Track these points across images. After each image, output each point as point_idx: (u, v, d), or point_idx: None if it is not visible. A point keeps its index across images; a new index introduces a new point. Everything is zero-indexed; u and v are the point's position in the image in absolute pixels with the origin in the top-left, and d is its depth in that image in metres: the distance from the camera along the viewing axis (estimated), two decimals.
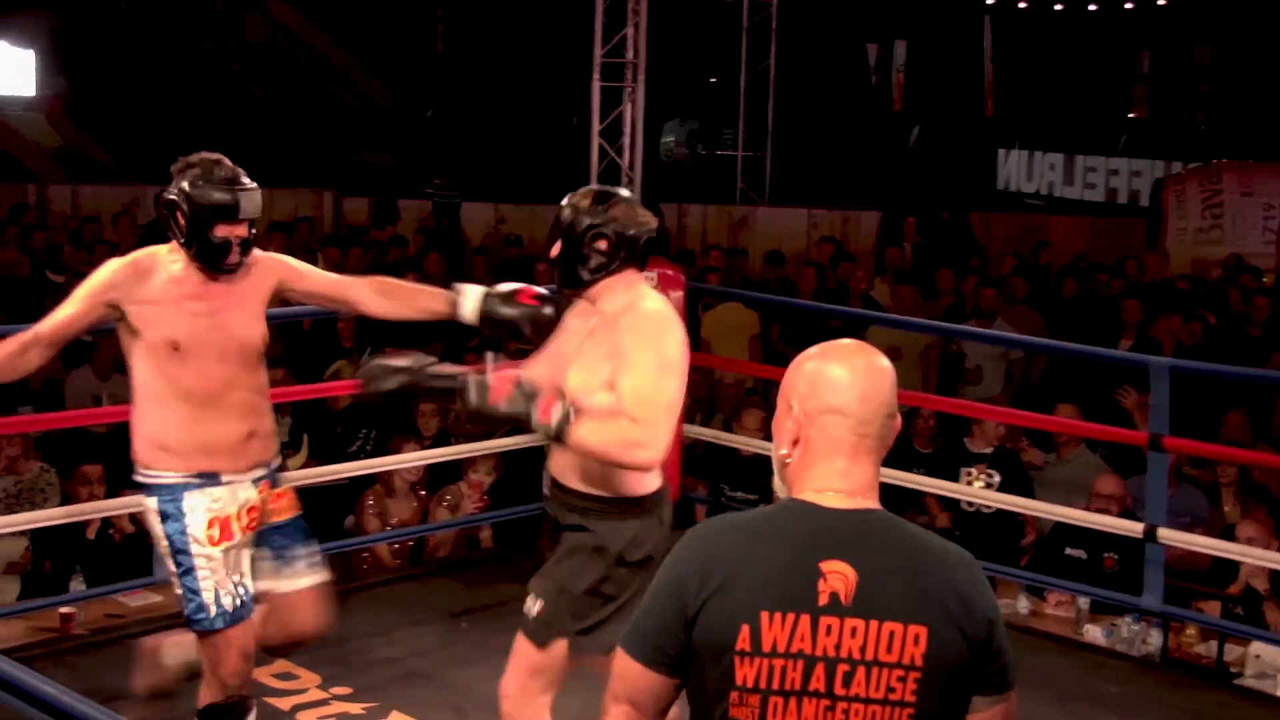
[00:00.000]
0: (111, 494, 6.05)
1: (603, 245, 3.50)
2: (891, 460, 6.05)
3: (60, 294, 4.01)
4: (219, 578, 3.77)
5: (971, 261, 11.01)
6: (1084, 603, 5.88)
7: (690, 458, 6.76)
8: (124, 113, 17.46)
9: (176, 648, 4.09)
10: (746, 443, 6.67)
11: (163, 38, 18.54)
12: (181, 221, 3.80)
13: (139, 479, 3.85)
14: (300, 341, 8.73)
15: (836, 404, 2.19)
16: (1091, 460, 6.84)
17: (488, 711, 4.79)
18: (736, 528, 2.21)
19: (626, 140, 7.96)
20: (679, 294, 6.52)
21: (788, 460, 2.24)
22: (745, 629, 2.10)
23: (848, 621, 2.11)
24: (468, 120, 19.31)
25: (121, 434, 6.85)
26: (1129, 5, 20.30)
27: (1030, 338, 8.10)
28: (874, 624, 2.10)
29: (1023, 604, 6.05)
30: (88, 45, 18.54)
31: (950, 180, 18.49)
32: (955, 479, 6.71)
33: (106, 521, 6.04)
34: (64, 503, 6.17)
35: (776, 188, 14.63)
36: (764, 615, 2.10)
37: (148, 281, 3.81)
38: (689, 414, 6.84)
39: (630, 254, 3.53)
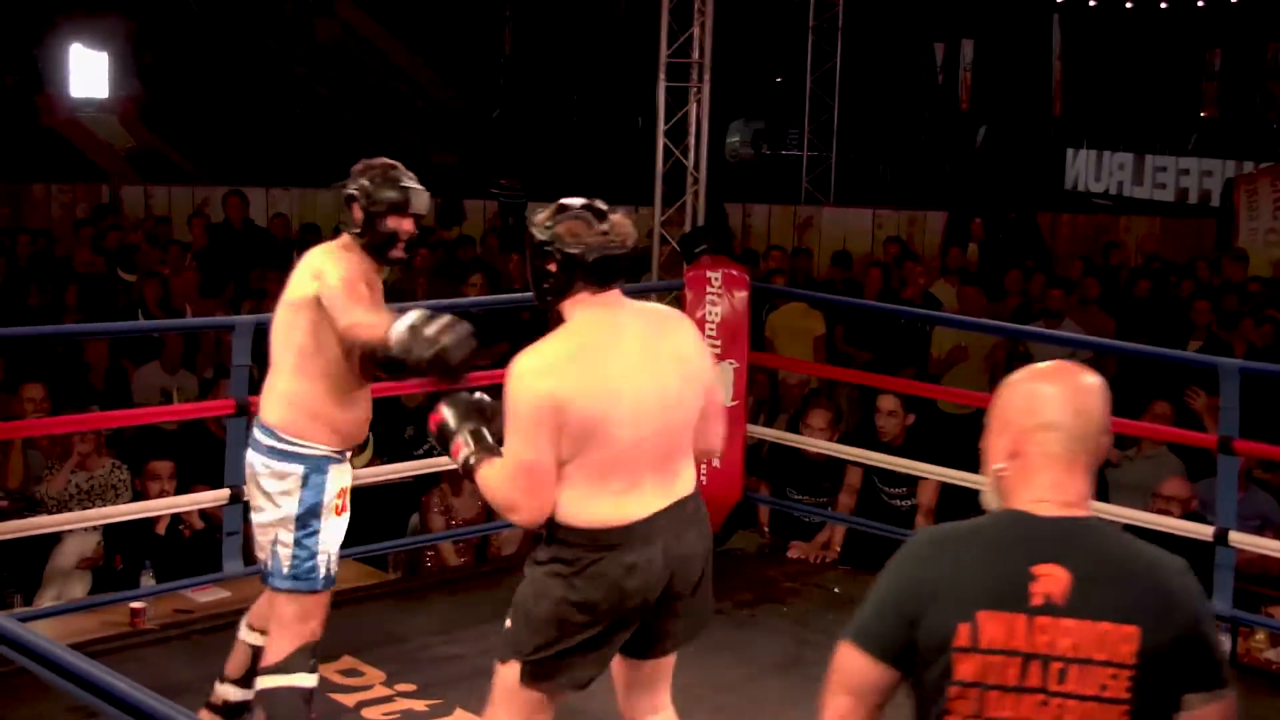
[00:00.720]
0: (182, 490, 6.14)
1: (551, 266, 3.34)
2: (958, 461, 6.01)
3: (133, 293, 4.13)
4: (332, 546, 4.12)
5: (1027, 263, 10.91)
6: None
7: (754, 458, 6.74)
8: (195, 114, 17.68)
9: None
10: (811, 443, 6.64)
11: (233, 40, 18.74)
12: (358, 214, 4.18)
13: (281, 445, 4.06)
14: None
15: (1052, 420, 2.33)
16: (1169, 462, 6.74)
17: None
18: (955, 537, 2.38)
19: (692, 140, 7.95)
20: (744, 294, 6.51)
21: (1003, 474, 2.38)
22: (965, 628, 2.25)
23: (1061, 622, 2.24)
24: (534, 121, 19.39)
25: (192, 430, 6.96)
26: (1200, 3, 20.04)
27: (1095, 338, 8.02)
28: (1087, 624, 2.24)
29: None
30: (160, 48, 18.78)
31: (1018, 180, 18.34)
32: None
33: (176, 518, 6.11)
34: (135, 499, 6.25)
35: (842, 188, 14.58)
36: (981, 615, 2.25)
37: None
38: (753, 414, 6.82)
39: (586, 274, 3.31)
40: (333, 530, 4.12)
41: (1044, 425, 2.33)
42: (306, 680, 4.09)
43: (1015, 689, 2.24)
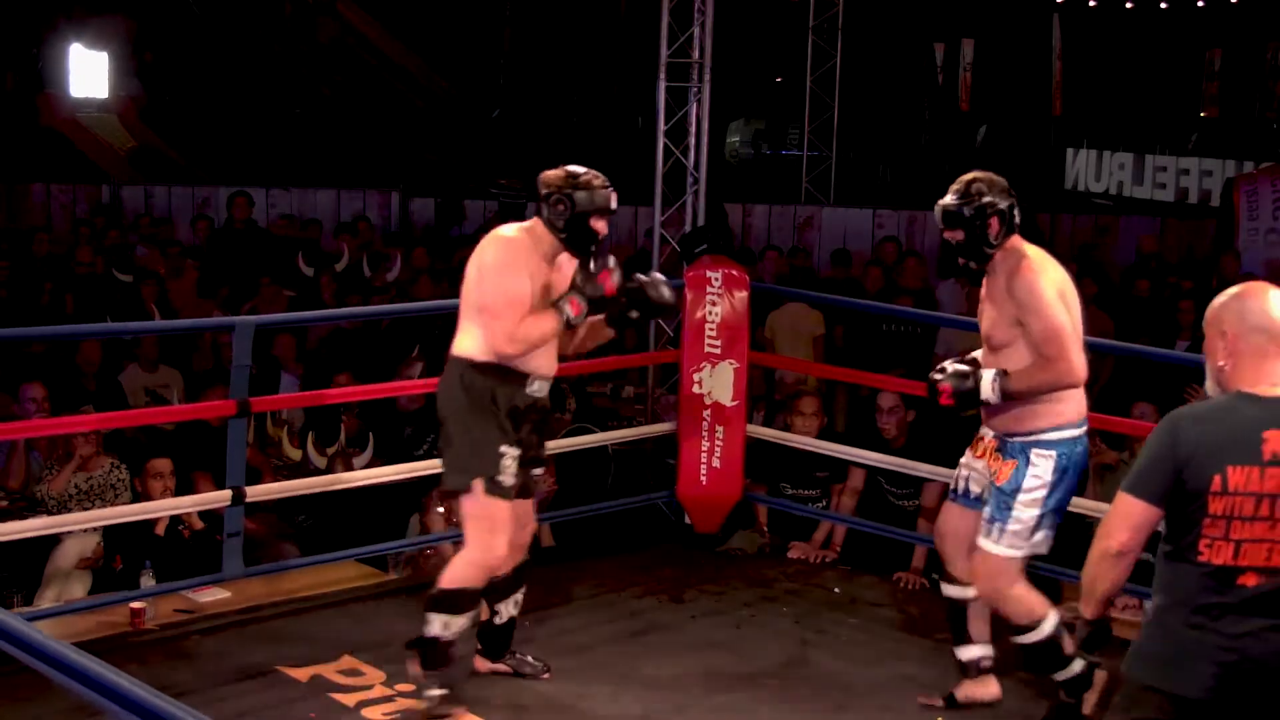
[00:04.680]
0: (181, 487, 6.14)
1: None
2: (948, 459, 5.98)
3: (128, 293, 4.12)
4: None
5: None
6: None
7: (751, 459, 6.73)
8: (196, 114, 17.69)
9: None
10: (810, 443, 6.64)
11: (234, 40, 18.75)
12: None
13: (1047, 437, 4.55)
14: (376, 340, 8.80)
15: (1262, 324, 3.24)
16: None
17: (549, 710, 4.84)
18: (1201, 415, 3.27)
19: (692, 140, 7.95)
20: (744, 294, 6.52)
21: (1224, 368, 3.28)
22: (1217, 478, 3.17)
23: None
24: (534, 121, 19.39)
25: (191, 429, 6.96)
26: (1200, 3, 20.04)
27: (1093, 339, 8.00)
28: None
29: None
30: (161, 48, 18.79)
31: (1018, 180, 18.30)
32: None
33: (176, 519, 6.12)
34: (134, 499, 6.26)
35: (842, 188, 14.58)
36: (1229, 468, 3.17)
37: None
38: (749, 413, 6.82)
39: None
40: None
41: (1255, 328, 3.24)
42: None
43: (1251, 518, 3.17)
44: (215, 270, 10.36)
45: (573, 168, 4.77)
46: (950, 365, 4.65)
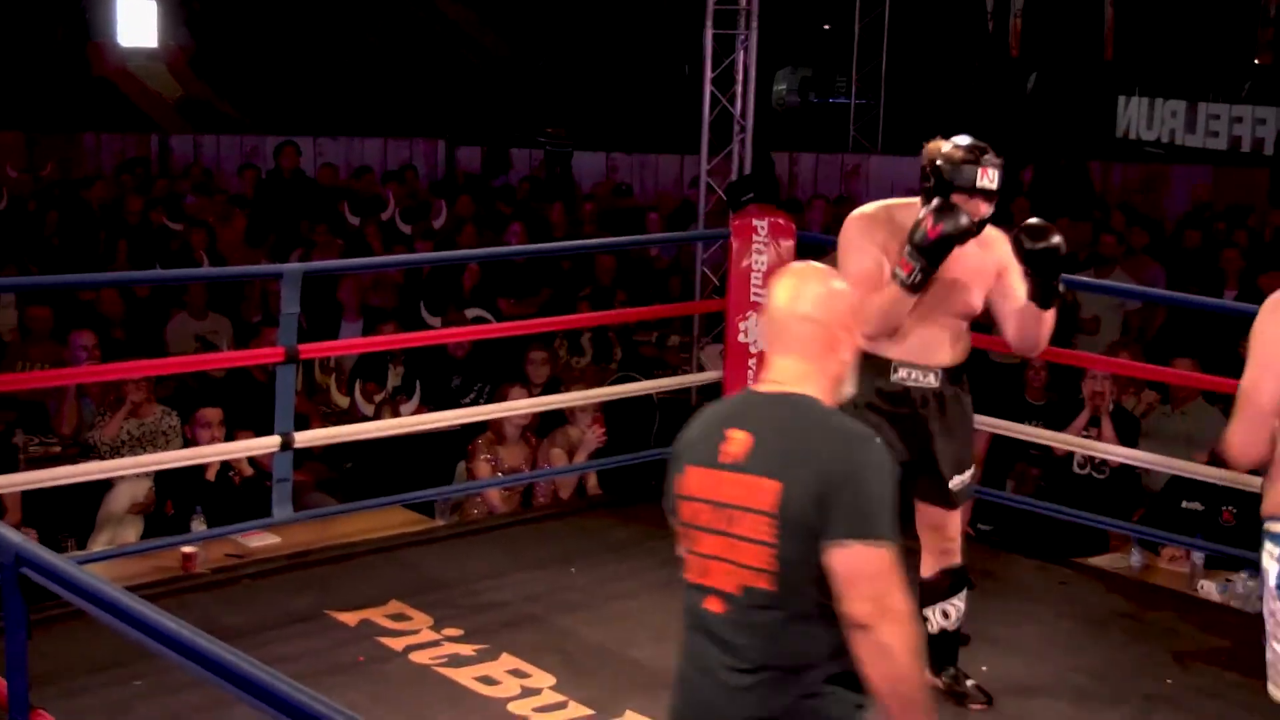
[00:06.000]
0: (230, 437, 6.20)
1: None
2: (1005, 411, 6.00)
3: (177, 241, 4.12)
4: None
5: (1086, 210, 10.79)
6: (1199, 558, 5.78)
7: None
8: (244, 63, 17.70)
9: None
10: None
11: None
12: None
13: None
14: (421, 289, 8.83)
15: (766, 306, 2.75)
16: (1209, 413, 6.70)
17: (594, 657, 4.87)
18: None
19: (739, 89, 7.90)
20: (790, 243, 6.49)
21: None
22: (679, 479, 2.71)
23: (737, 476, 2.62)
24: (580, 69, 19.29)
25: (240, 384, 7.01)
26: None
27: (1135, 287, 7.93)
28: (749, 478, 2.59)
29: (1135, 558, 5.97)
30: None
31: (1069, 127, 18.12)
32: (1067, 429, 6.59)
33: (226, 465, 6.18)
34: (185, 445, 6.32)
35: (890, 136, 14.46)
36: (689, 468, 2.69)
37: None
38: None
39: None
40: None
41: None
42: None
43: (706, 529, 2.65)
44: (263, 219, 10.40)
45: (956, 140, 4.25)
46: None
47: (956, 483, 4.40)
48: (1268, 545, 3.27)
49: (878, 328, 4.18)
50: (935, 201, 4.12)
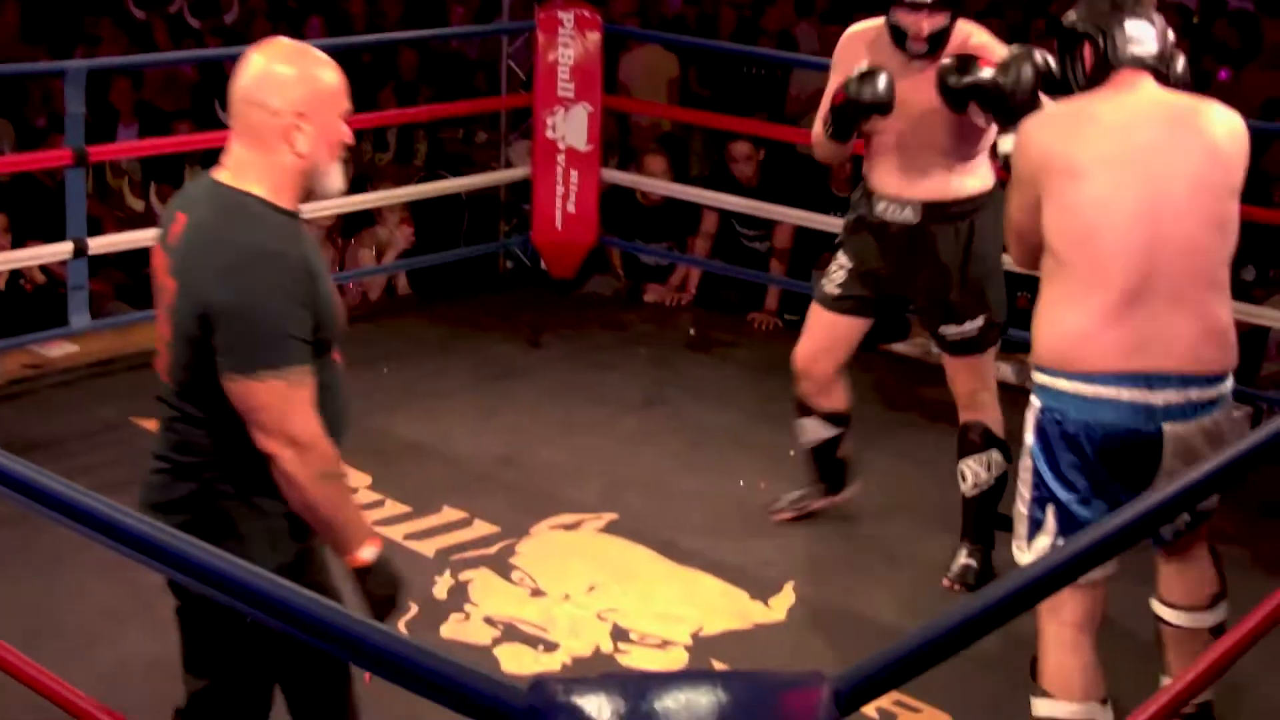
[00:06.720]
0: (17, 244, 5.96)
1: None
2: (811, 203, 5.96)
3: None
4: None
5: None
6: None
7: (605, 214, 6.70)
8: None
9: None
10: (659, 185, 6.63)
11: None
12: None
13: None
14: (215, 87, 8.48)
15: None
16: None
17: (410, 455, 4.89)
18: None
19: None
20: (596, 36, 6.40)
21: None
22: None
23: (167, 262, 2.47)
24: None
25: (26, 190, 6.71)
26: None
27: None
28: (167, 267, 2.46)
29: (934, 346, 6.11)
30: None
31: None
32: None
33: (16, 273, 5.95)
34: None
35: None
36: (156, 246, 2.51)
37: None
38: (604, 158, 6.77)
39: None
40: None
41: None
42: None
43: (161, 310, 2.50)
44: (39, 12, 9.85)
45: None
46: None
47: (952, 332, 4.06)
48: (1031, 399, 3.00)
49: (819, 158, 4.21)
50: (861, 65, 3.79)
